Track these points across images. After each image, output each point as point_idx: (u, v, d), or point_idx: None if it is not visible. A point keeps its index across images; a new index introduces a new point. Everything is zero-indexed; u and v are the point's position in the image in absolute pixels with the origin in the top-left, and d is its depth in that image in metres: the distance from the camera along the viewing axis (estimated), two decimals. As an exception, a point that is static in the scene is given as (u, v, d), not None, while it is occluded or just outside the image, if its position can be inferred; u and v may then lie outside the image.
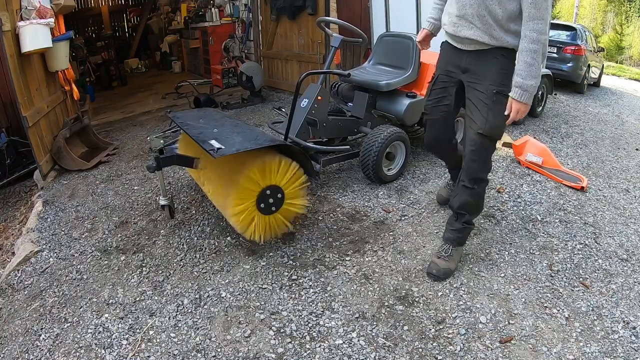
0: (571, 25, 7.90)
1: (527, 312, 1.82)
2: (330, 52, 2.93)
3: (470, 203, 2.01)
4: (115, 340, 1.66)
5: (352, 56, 6.10)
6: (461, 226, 2.05)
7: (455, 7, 1.85)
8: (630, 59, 18.64)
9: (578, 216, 2.70)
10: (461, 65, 1.96)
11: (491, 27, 1.77)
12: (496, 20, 1.75)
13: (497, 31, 1.77)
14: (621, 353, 1.64)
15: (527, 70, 1.69)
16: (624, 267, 2.20)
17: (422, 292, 1.93)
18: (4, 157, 3.38)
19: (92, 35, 9.19)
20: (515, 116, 1.76)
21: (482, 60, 1.88)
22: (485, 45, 1.83)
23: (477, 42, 1.84)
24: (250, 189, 1.99)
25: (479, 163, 1.95)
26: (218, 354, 1.59)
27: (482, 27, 1.79)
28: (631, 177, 3.53)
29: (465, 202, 2.01)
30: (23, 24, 2.91)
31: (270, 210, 2.08)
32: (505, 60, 1.81)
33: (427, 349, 1.63)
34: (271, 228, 2.13)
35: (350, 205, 2.67)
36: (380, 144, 2.79)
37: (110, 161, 3.55)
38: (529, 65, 1.68)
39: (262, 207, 2.05)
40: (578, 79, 7.16)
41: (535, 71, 1.69)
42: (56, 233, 2.44)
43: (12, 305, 1.89)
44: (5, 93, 3.55)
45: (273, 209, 2.08)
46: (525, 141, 3.59)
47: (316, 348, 1.62)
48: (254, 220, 2.04)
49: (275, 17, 5.64)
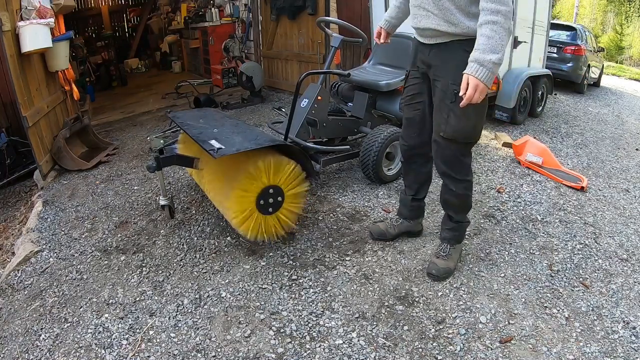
0: (571, 25, 7.91)
1: (527, 312, 1.82)
2: (330, 52, 2.93)
3: (454, 203, 1.94)
4: (115, 340, 1.66)
5: (352, 56, 6.09)
6: (454, 224, 2.01)
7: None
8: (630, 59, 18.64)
9: (578, 216, 2.70)
10: (425, 61, 1.83)
11: (448, 12, 1.64)
12: (453, 1, 1.62)
13: (456, 15, 1.63)
14: (621, 353, 1.64)
15: (486, 43, 1.50)
16: (624, 267, 2.20)
17: (422, 292, 1.93)
18: (4, 157, 3.38)
19: (92, 35, 9.19)
20: (472, 96, 1.52)
21: (444, 55, 1.73)
22: (447, 37, 1.70)
23: (438, 33, 1.70)
24: (251, 189, 1.99)
25: (450, 167, 1.84)
26: (218, 354, 1.59)
27: (439, 14, 1.66)
28: (631, 177, 3.53)
29: (448, 201, 1.95)
30: (23, 24, 2.91)
31: (270, 210, 2.08)
32: (468, 55, 1.57)
33: (427, 349, 1.63)
34: (272, 228, 2.13)
35: (350, 205, 2.67)
36: (380, 144, 2.79)
37: (110, 161, 3.55)
38: (488, 38, 1.50)
39: (262, 207, 2.05)
40: (578, 79, 7.16)
41: (494, 45, 1.49)
42: (56, 233, 2.44)
43: (12, 305, 1.88)
44: (5, 93, 3.55)
45: (270, 210, 2.08)
46: (525, 141, 3.59)
47: (316, 348, 1.62)
48: (254, 221, 2.03)
49: (275, 17, 5.64)
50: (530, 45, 4.89)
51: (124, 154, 3.73)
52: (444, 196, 1.96)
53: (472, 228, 2.48)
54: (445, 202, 1.98)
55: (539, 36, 5.01)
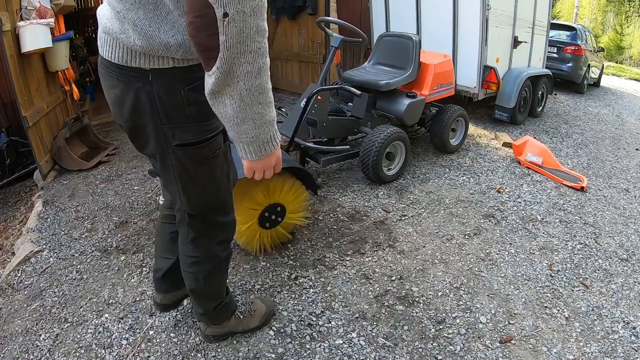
0: (571, 25, 7.90)
1: (527, 312, 1.82)
2: (330, 52, 2.93)
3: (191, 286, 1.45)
4: (115, 340, 1.66)
5: (352, 56, 6.10)
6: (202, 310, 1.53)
7: None
8: (630, 59, 18.65)
9: (578, 216, 2.70)
10: None
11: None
12: None
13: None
14: (621, 353, 1.64)
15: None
16: (624, 267, 2.20)
17: (422, 292, 1.93)
18: (4, 157, 3.38)
19: (92, 35, 9.19)
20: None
21: None
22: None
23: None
24: (253, 207, 2.00)
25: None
26: (218, 354, 1.59)
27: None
28: (631, 177, 3.53)
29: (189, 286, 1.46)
30: (23, 24, 2.91)
31: (267, 225, 2.09)
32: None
33: (427, 349, 1.63)
34: (271, 240, 2.17)
35: (350, 205, 2.67)
36: (380, 144, 2.79)
37: (110, 161, 3.55)
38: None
39: (264, 220, 2.06)
40: (578, 79, 7.16)
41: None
42: (56, 233, 2.44)
43: (12, 305, 1.88)
44: (5, 93, 3.55)
45: (267, 224, 2.09)
46: (525, 141, 3.59)
47: (316, 348, 1.62)
48: (256, 235, 2.07)
49: (275, 17, 5.64)
50: (530, 45, 4.89)
51: (124, 154, 3.72)
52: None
53: (472, 228, 2.49)
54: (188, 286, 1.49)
55: (539, 36, 5.01)
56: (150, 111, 1.07)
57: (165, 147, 1.12)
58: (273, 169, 1.06)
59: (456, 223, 2.53)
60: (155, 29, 0.97)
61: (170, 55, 1.00)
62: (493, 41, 4.18)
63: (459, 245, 2.31)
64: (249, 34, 0.84)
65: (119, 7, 0.99)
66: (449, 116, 3.41)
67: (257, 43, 0.86)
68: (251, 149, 0.98)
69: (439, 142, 3.52)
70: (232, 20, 0.81)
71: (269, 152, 1.00)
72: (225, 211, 1.35)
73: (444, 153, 3.61)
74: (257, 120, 0.93)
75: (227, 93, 0.89)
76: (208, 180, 1.22)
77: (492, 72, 4.22)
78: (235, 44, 0.83)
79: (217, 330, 1.60)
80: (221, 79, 0.86)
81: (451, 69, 3.43)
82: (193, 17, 0.84)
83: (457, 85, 4.26)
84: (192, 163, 1.16)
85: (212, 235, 1.35)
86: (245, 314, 1.65)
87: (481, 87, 4.28)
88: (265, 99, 0.93)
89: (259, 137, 0.96)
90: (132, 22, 0.97)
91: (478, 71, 4.20)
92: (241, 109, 0.90)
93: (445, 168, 3.31)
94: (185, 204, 1.25)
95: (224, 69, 0.85)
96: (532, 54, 4.99)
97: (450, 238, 2.37)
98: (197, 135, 1.11)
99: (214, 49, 0.84)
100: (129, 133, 1.18)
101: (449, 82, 3.41)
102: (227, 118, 0.93)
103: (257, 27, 0.85)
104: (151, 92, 1.04)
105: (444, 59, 3.37)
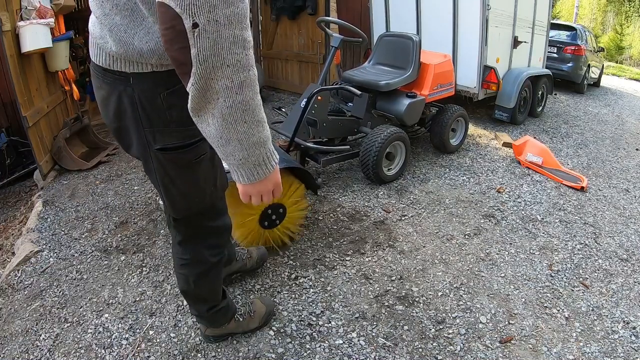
0: (571, 25, 7.90)
1: (527, 312, 1.82)
2: (330, 52, 2.93)
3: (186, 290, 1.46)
4: (115, 340, 1.66)
5: (352, 56, 6.10)
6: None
7: None
8: (630, 59, 18.65)
9: (578, 216, 2.70)
10: None
11: None
12: None
13: None
14: (621, 353, 1.64)
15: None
16: (624, 267, 2.20)
17: (422, 292, 1.93)
18: (4, 157, 3.38)
19: (92, 35, 9.18)
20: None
21: None
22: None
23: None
24: (252, 212, 2.00)
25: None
26: (218, 354, 1.59)
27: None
28: (631, 177, 3.53)
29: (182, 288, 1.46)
30: (23, 24, 2.91)
31: (265, 224, 2.09)
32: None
33: (427, 349, 1.63)
34: (272, 239, 2.16)
35: (350, 205, 2.67)
36: (380, 144, 2.79)
37: (110, 161, 3.55)
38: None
39: (264, 219, 2.06)
40: (578, 79, 7.16)
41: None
42: (56, 233, 2.44)
43: (12, 305, 1.88)
44: (5, 93, 3.55)
45: (266, 223, 2.08)
46: (525, 141, 3.59)
47: (316, 348, 1.62)
48: (256, 236, 2.07)
49: (275, 17, 5.64)
50: (531, 45, 4.89)
51: (124, 154, 3.72)
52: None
53: (472, 228, 2.49)
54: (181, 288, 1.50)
55: (539, 36, 5.01)
56: (132, 114, 1.05)
57: (147, 150, 1.10)
58: (272, 194, 0.97)
59: (456, 223, 2.53)
60: (130, 35, 0.94)
61: (145, 62, 0.98)
62: (493, 41, 4.18)
63: (459, 245, 2.31)
64: (223, 46, 0.75)
65: (98, 12, 0.98)
66: (449, 116, 3.41)
67: (236, 55, 0.77)
68: (242, 172, 0.89)
69: (439, 142, 3.52)
70: (203, 31, 0.73)
71: (263, 176, 0.91)
72: (214, 216, 1.32)
73: (444, 153, 3.61)
74: (243, 141, 0.84)
75: (208, 111, 0.81)
76: (192, 185, 1.17)
77: (492, 72, 4.22)
78: (209, 57, 0.75)
79: (217, 331, 1.61)
80: (198, 96, 0.79)
81: (451, 69, 3.43)
82: (164, 29, 0.76)
83: (457, 85, 4.27)
84: (174, 167, 1.12)
85: (200, 239, 1.33)
86: (245, 316, 1.65)
87: (481, 87, 4.28)
88: (252, 117, 0.83)
89: (247, 159, 0.87)
90: (109, 28, 0.96)
91: (478, 71, 4.20)
92: (224, 128, 0.82)
93: (445, 168, 3.32)
94: (169, 208, 1.23)
95: (200, 86, 0.77)
96: (532, 54, 4.99)
97: (450, 238, 2.38)
98: (179, 140, 1.08)
99: (187, 64, 0.76)
100: (114, 134, 1.17)
101: (449, 82, 3.41)
102: (211, 138, 0.85)
103: (234, 37, 0.76)
104: (133, 96, 1.02)
105: (444, 59, 3.37)
